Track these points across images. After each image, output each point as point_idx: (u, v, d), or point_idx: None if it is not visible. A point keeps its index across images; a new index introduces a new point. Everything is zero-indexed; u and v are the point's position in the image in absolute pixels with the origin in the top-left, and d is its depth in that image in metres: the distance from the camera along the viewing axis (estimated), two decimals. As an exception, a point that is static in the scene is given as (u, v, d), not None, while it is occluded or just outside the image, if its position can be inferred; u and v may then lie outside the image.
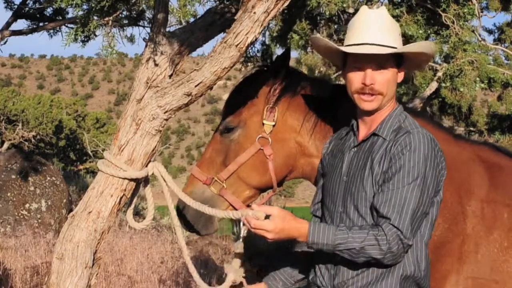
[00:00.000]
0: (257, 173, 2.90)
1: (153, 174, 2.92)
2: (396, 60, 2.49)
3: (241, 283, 2.68)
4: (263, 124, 2.90)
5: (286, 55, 2.98)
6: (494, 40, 12.14)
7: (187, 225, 2.99)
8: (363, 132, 2.54)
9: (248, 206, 2.78)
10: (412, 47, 2.54)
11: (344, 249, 2.30)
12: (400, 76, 2.54)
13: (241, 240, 2.66)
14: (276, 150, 2.88)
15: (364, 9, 2.52)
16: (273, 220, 2.35)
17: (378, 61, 2.45)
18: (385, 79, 2.46)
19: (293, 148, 2.91)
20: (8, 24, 8.92)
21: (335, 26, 4.26)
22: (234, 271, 2.69)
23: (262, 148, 2.87)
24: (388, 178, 2.34)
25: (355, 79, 2.48)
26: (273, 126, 2.88)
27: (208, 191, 2.93)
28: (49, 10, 8.90)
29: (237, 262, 2.71)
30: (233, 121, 2.96)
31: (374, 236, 2.28)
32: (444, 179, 2.43)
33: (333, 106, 2.87)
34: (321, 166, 2.73)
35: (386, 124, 2.48)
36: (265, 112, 2.90)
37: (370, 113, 2.51)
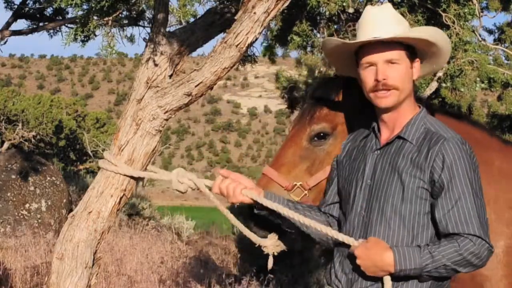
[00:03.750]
0: None
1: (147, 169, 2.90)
2: (408, 53, 2.43)
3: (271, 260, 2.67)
4: None
5: None
6: (494, 40, 12.13)
7: (264, 226, 2.76)
8: (385, 134, 2.49)
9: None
10: (412, 32, 2.47)
11: (432, 268, 2.25)
12: (416, 71, 2.48)
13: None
14: None
15: (368, 8, 2.49)
16: (363, 245, 2.34)
17: (389, 55, 2.40)
18: (397, 73, 2.40)
19: None
20: (8, 24, 8.90)
21: (335, 26, 4.26)
22: (273, 242, 2.66)
23: None
24: (440, 193, 2.31)
25: (368, 77, 2.42)
26: None
27: (288, 197, 2.73)
28: (49, 10, 8.88)
29: (273, 237, 2.68)
30: (327, 128, 2.82)
31: (463, 247, 2.24)
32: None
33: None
34: (336, 167, 2.67)
35: (412, 128, 2.41)
36: None
37: (389, 111, 2.45)
